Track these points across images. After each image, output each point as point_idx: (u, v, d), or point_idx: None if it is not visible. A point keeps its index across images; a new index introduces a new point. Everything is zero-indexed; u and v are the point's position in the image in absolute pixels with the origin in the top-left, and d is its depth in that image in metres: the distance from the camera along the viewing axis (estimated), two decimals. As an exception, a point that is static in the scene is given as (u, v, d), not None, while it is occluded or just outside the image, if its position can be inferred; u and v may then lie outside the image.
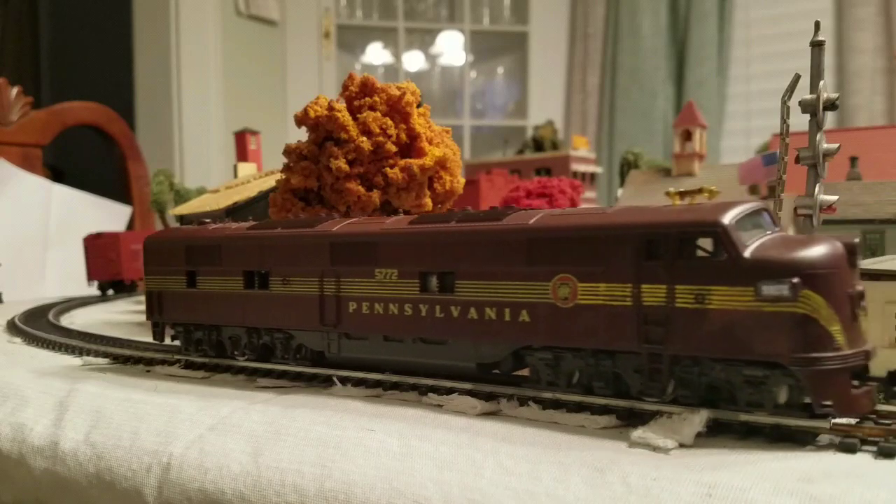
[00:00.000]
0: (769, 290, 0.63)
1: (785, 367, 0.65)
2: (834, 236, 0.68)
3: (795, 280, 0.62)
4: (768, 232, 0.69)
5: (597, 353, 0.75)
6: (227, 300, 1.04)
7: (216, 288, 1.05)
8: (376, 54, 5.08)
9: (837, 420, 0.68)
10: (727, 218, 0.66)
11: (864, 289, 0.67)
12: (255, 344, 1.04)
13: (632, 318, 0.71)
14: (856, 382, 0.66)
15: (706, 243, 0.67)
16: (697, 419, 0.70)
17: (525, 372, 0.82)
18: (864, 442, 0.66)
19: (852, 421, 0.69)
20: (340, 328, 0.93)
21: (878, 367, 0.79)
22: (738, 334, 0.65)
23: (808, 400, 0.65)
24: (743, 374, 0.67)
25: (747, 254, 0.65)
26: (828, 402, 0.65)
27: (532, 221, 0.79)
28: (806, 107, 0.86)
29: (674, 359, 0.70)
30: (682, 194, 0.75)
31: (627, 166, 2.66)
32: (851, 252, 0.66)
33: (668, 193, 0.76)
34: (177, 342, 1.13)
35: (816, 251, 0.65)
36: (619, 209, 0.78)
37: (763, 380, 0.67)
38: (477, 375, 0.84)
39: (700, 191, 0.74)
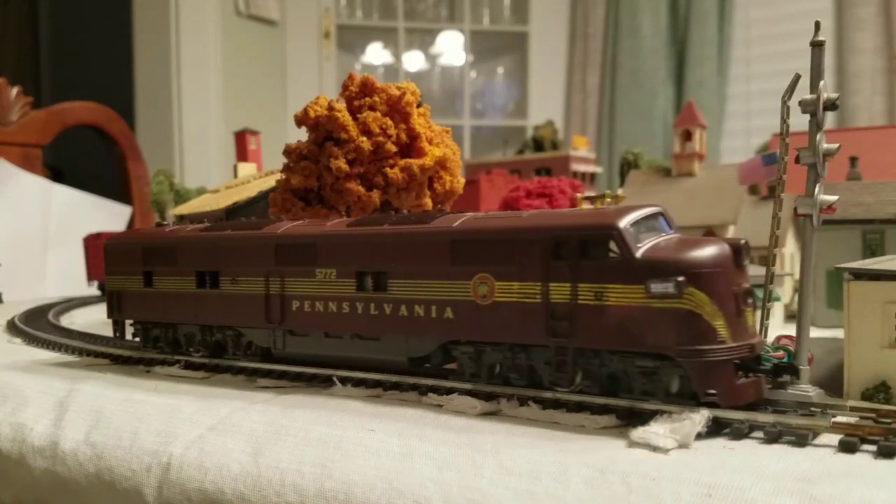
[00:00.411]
0: (657, 287, 0.69)
1: (673, 358, 0.70)
2: (722, 238, 0.75)
3: (681, 279, 0.68)
4: (663, 234, 0.75)
5: (513, 346, 0.81)
6: (182, 299, 1.09)
7: (171, 287, 1.11)
8: (376, 54, 5.08)
9: (837, 419, 0.70)
10: (622, 222, 0.73)
11: (751, 287, 0.73)
12: (208, 341, 1.09)
13: (541, 314, 0.76)
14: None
15: (605, 244, 0.73)
16: (697, 419, 0.70)
17: (454, 365, 0.87)
18: (863, 441, 0.67)
19: (852, 420, 0.70)
20: (285, 325, 0.98)
21: (877, 368, 0.80)
22: (631, 328, 0.72)
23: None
24: (636, 365, 0.73)
25: (639, 254, 0.71)
26: (712, 392, 0.70)
27: (455, 225, 0.85)
28: (806, 107, 0.86)
29: (578, 351, 0.76)
30: (589, 199, 0.82)
31: (627, 166, 2.66)
32: (737, 253, 0.71)
33: (577, 198, 0.83)
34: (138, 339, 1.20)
35: (702, 252, 0.71)
36: (532, 213, 0.84)
37: (655, 370, 0.72)
38: (408, 369, 0.89)
39: (604, 196, 0.80)
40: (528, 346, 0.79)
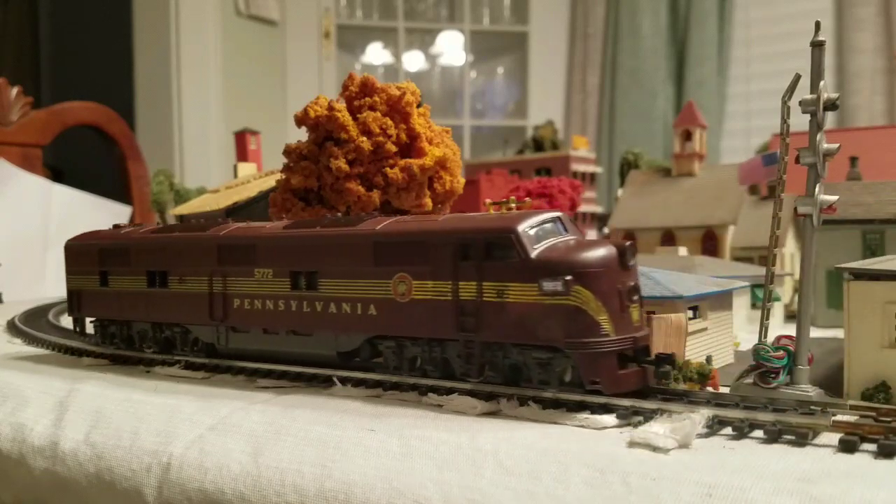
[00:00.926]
0: (548, 285, 0.77)
1: (562, 350, 0.78)
2: (609, 240, 0.82)
3: (568, 277, 0.76)
4: (560, 237, 0.82)
5: (430, 340, 0.87)
6: (134, 297, 1.16)
7: (125, 286, 1.17)
8: (376, 54, 5.08)
9: (838, 418, 0.70)
10: (520, 226, 0.80)
11: (637, 285, 0.80)
12: (159, 338, 1.16)
13: (451, 311, 0.83)
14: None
15: (505, 246, 0.80)
16: (698, 419, 0.71)
17: (381, 359, 0.94)
18: (863, 439, 0.67)
19: (852, 418, 0.70)
20: (227, 322, 1.05)
21: (877, 368, 0.80)
22: (527, 323, 0.79)
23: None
24: (533, 356, 0.80)
25: (534, 256, 0.79)
26: (596, 380, 0.77)
27: (378, 227, 0.92)
28: (806, 107, 0.86)
29: (485, 345, 0.83)
30: (496, 204, 0.89)
31: (627, 166, 2.67)
32: (623, 254, 0.78)
33: (485, 203, 0.90)
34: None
35: (589, 254, 0.78)
36: (447, 217, 0.91)
37: (549, 361, 0.79)
38: (338, 363, 0.96)
39: (509, 201, 0.88)
40: (442, 340, 0.86)
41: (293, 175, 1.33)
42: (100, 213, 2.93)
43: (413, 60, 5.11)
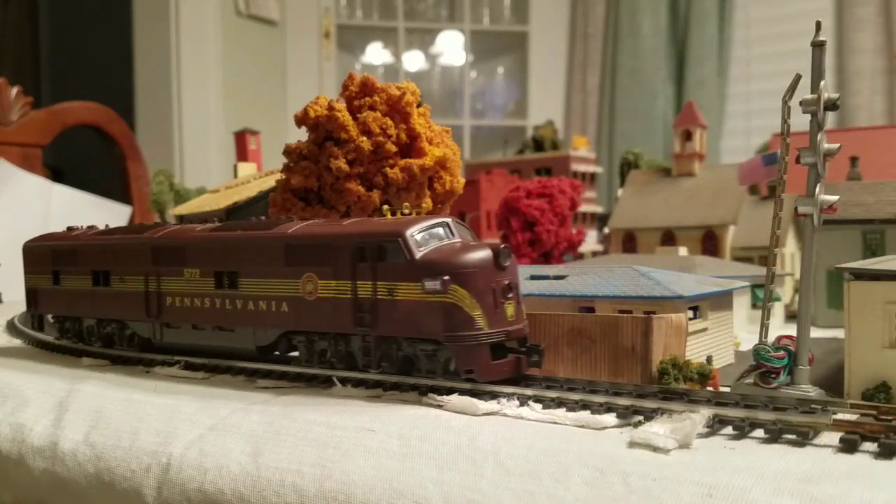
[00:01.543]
0: (429, 284, 0.85)
1: (442, 342, 0.86)
2: (486, 243, 0.90)
3: (446, 277, 0.84)
4: (445, 241, 0.90)
5: (335, 335, 0.96)
6: (81, 296, 1.26)
7: (73, 285, 1.28)
8: (376, 54, 5.08)
9: (838, 416, 0.70)
10: (408, 231, 0.88)
11: (512, 283, 0.87)
12: (102, 333, 1.26)
13: (351, 308, 0.92)
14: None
15: (394, 249, 0.88)
16: (698, 419, 0.71)
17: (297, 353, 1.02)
18: (864, 438, 0.67)
19: (852, 417, 0.70)
20: (161, 319, 1.14)
21: (878, 368, 0.80)
22: (413, 318, 0.87)
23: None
24: (420, 348, 0.89)
25: (418, 258, 0.87)
26: (470, 369, 0.85)
27: (289, 231, 1.00)
28: (807, 107, 0.86)
29: (381, 338, 0.91)
30: (391, 210, 0.98)
31: (627, 166, 2.67)
32: (498, 256, 0.87)
33: (383, 209, 0.99)
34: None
35: (465, 256, 0.86)
36: (350, 222, 0.98)
37: (434, 353, 0.88)
38: (257, 356, 1.04)
39: (404, 207, 0.96)
40: (345, 334, 0.94)
41: (293, 175, 1.33)
42: (100, 213, 2.93)
43: (413, 60, 5.11)
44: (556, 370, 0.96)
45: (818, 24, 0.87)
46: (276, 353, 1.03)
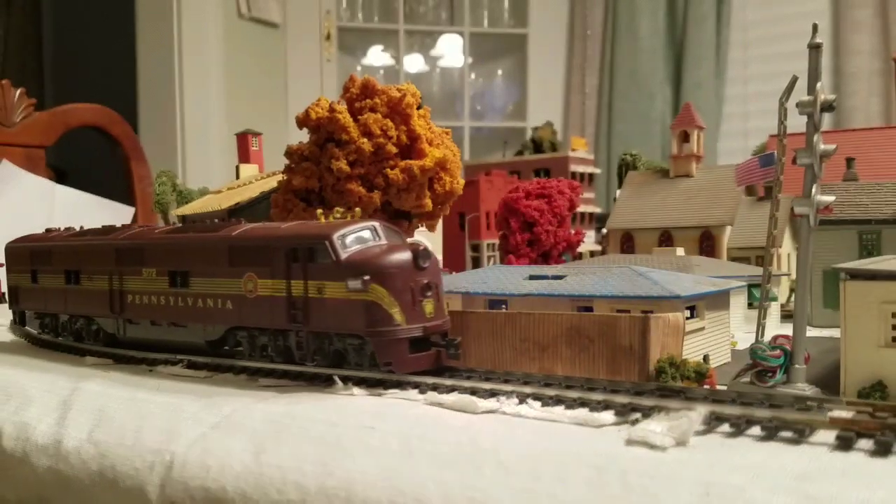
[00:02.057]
0: (351, 284, 0.92)
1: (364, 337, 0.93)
2: (408, 245, 0.96)
3: (366, 277, 0.91)
4: (370, 244, 0.97)
5: (274, 331, 1.03)
6: (56, 293, 1.36)
7: (49, 284, 1.37)
8: (377, 56, 5.10)
9: (834, 413, 0.71)
10: (335, 234, 0.95)
11: (431, 283, 0.94)
12: (73, 328, 1.35)
13: (285, 305, 0.99)
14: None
15: (322, 251, 0.95)
16: (695, 416, 0.71)
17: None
18: (859, 435, 0.67)
19: (848, 414, 0.71)
20: (124, 315, 1.23)
21: (874, 367, 0.81)
22: (340, 315, 0.94)
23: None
24: (349, 343, 0.96)
25: (343, 259, 0.94)
26: (388, 362, 0.92)
27: (233, 233, 1.07)
28: (803, 108, 0.86)
29: (313, 333, 0.98)
30: (324, 214, 1.05)
31: (626, 167, 2.68)
32: (416, 257, 0.93)
33: (318, 214, 1.06)
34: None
35: (386, 257, 0.93)
36: (287, 225, 1.06)
37: (361, 347, 0.95)
38: (207, 351, 1.12)
39: (335, 212, 1.04)
40: (283, 330, 1.01)
41: (295, 176, 1.34)
42: (103, 214, 2.94)
43: (413, 62, 5.14)
44: (555, 369, 0.97)
45: (815, 27, 0.88)
46: (226, 348, 1.11)
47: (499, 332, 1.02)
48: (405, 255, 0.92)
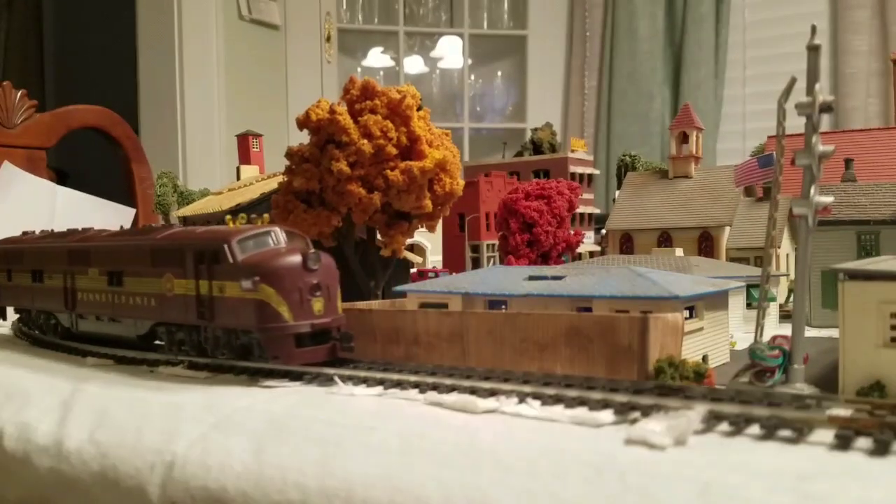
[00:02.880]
0: (245, 284, 1.02)
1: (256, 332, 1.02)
2: (300, 248, 1.04)
3: (257, 278, 1.00)
4: (266, 248, 1.05)
5: (189, 326, 1.12)
6: (25, 290, 1.51)
7: (20, 282, 1.52)
8: (377, 58, 5.11)
9: (833, 412, 0.71)
10: (233, 238, 1.05)
11: (321, 283, 1.01)
12: (38, 322, 1.51)
13: (195, 303, 1.09)
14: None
15: (223, 254, 1.05)
16: (694, 416, 0.71)
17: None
18: (858, 434, 0.68)
19: (847, 413, 0.71)
20: (75, 311, 1.36)
21: (872, 367, 0.81)
22: (237, 312, 1.03)
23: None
24: (252, 337, 1.04)
25: (239, 261, 1.03)
26: (276, 355, 1.01)
27: (156, 237, 1.19)
28: (802, 109, 0.87)
29: (222, 329, 1.07)
30: (232, 219, 1.14)
31: (625, 168, 2.69)
32: (306, 260, 1.01)
33: (227, 219, 1.16)
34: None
35: (276, 260, 1.02)
36: (202, 230, 1.18)
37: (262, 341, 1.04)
38: (138, 344, 1.24)
39: (241, 218, 1.14)
40: (195, 326, 1.11)
41: (295, 177, 1.35)
42: (104, 215, 2.94)
43: (413, 64, 5.15)
44: (554, 369, 0.97)
45: (813, 28, 0.88)
46: (157, 342, 1.22)
47: (498, 332, 1.02)
48: (295, 258, 1.01)
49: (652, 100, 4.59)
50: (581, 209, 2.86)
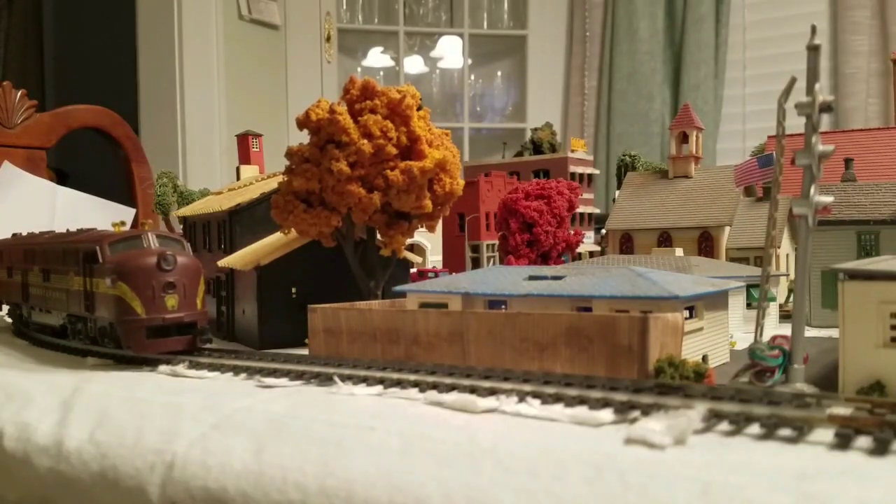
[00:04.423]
0: (107, 282, 1.19)
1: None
2: (158, 251, 1.18)
3: (115, 276, 1.16)
4: (132, 250, 1.21)
5: (85, 318, 1.30)
6: (3, 285, 1.78)
7: (1, 278, 1.79)
8: (377, 58, 5.11)
9: (833, 410, 0.71)
10: (105, 241, 1.24)
11: (175, 281, 1.18)
12: (12, 313, 1.76)
13: (83, 297, 1.27)
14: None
15: (96, 254, 1.23)
16: (694, 415, 0.72)
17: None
18: (858, 432, 0.68)
19: (846, 412, 0.71)
20: (29, 303, 1.58)
21: (872, 367, 0.81)
22: (105, 306, 1.21)
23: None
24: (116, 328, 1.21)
25: (106, 261, 1.21)
26: (129, 345, 1.17)
27: (66, 239, 1.39)
28: (802, 109, 0.87)
29: (101, 320, 1.23)
30: (115, 225, 1.34)
31: (624, 168, 2.69)
32: (160, 261, 1.17)
33: (113, 224, 1.35)
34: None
35: (133, 261, 1.17)
36: (95, 233, 1.36)
37: None
38: (61, 332, 1.41)
39: (122, 223, 1.34)
40: (85, 317, 1.29)
41: (295, 177, 1.34)
42: (104, 215, 2.93)
43: (413, 64, 5.15)
44: (554, 369, 0.97)
45: (813, 28, 0.88)
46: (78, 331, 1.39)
47: (498, 332, 1.02)
48: (150, 260, 1.16)
49: (652, 100, 4.60)
50: (581, 209, 2.86)
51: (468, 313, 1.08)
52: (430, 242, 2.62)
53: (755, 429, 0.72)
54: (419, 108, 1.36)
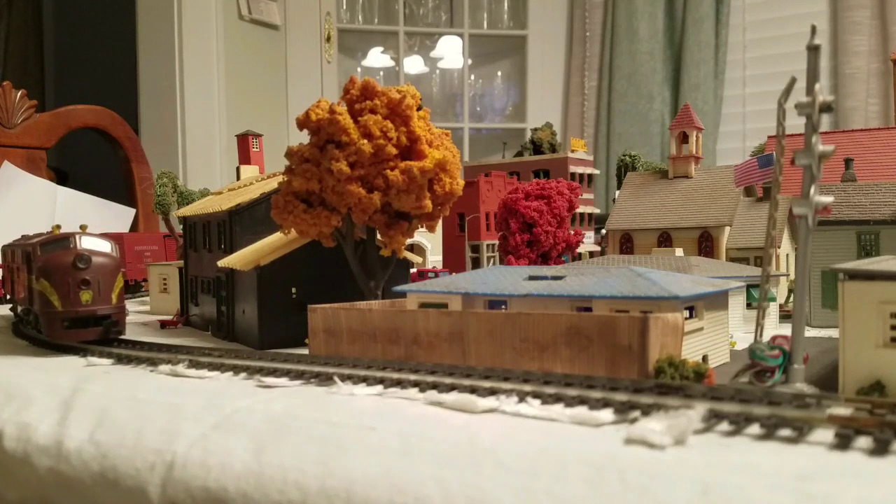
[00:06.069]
0: (34, 278, 1.35)
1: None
2: (77, 252, 1.33)
3: (39, 274, 1.31)
4: (61, 250, 1.35)
5: (34, 311, 1.44)
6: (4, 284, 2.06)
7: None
8: (377, 58, 5.11)
9: (833, 410, 0.71)
10: (39, 242, 1.37)
11: (88, 279, 1.32)
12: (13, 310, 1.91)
13: (29, 293, 1.43)
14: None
15: (31, 255, 1.39)
16: (694, 415, 0.72)
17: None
18: (857, 433, 0.68)
19: (847, 412, 0.71)
20: (16, 300, 1.75)
21: (872, 367, 0.81)
22: (36, 300, 1.36)
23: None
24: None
25: (35, 260, 1.35)
26: (49, 334, 1.32)
27: (26, 241, 1.53)
28: (802, 109, 0.87)
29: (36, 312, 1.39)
30: (55, 227, 1.47)
31: (625, 168, 2.69)
32: (76, 261, 1.31)
33: (53, 227, 1.49)
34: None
35: (53, 260, 1.32)
36: (39, 238, 1.46)
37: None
38: (34, 325, 1.52)
39: (58, 227, 1.47)
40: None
41: (295, 177, 1.34)
42: (104, 215, 2.94)
43: (413, 64, 5.14)
44: (554, 369, 0.97)
45: (813, 28, 0.88)
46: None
47: (498, 332, 1.02)
48: (67, 259, 1.29)
49: (652, 100, 4.59)
50: (581, 209, 2.87)
51: (468, 313, 1.08)
52: (430, 242, 2.62)
53: (755, 429, 0.72)
54: (419, 109, 1.36)
